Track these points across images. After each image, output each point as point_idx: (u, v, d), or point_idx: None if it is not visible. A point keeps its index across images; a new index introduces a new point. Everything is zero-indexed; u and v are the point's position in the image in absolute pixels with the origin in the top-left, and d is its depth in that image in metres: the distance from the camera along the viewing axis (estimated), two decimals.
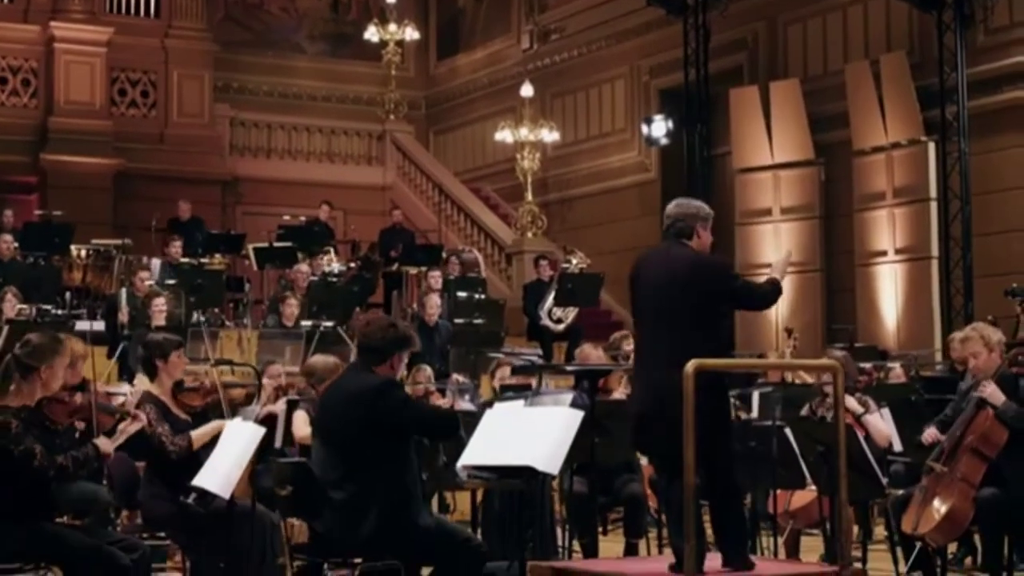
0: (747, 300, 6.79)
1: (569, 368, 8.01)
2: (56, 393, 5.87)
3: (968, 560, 9.07)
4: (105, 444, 5.86)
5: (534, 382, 9.30)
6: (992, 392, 7.36)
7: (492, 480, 6.48)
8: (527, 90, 21.05)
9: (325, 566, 5.82)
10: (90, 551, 5.61)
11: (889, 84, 17.24)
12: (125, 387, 9.97)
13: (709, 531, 6.61)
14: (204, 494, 6.11)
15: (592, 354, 9.17)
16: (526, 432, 6.14)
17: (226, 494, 5.82)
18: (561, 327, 16.81)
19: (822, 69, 18.79)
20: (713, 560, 6.46)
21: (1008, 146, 16.45)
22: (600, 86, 22.56)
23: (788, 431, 8.01)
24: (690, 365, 6.15)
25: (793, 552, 8.81)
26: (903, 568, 8.33)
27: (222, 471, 5.89)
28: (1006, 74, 16.45)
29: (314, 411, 7.87)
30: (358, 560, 5.91)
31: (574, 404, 6.62)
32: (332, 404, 6.18)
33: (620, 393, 9.01)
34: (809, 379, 11.19)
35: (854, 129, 17.70)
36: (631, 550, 8.98)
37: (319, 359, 8.53)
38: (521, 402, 6.52)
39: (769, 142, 18.63)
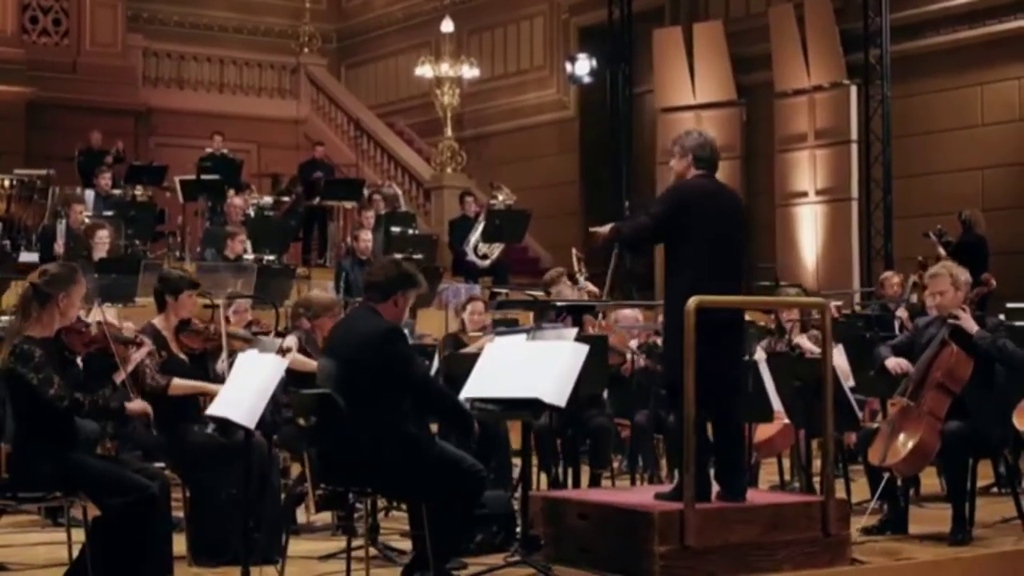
0: None
1: (559, 303, 8.19)
2: (74, 324, 5.91)
3: (912, 491, 9.40)
4: (136, 406, 5.92)
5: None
6: (967, 320, 7.65)
7: (497, 412, 6.60)
8: (447, 26, 20.99)
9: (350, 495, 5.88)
10: (118, 480, 5.65)
11: (812, 27, 17.52)
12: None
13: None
14: (226, 425, 6.16)
15: (567, 291, 9.37)
16: (533, 365, 6.28)
17: (251, 425, 5.88)
18: (486, 263, 16.93)
19: (745, 11, 19.02)
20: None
21: (929, 90, 16.85)
22: (518, 23, 22.61)
23: (763, 366, 8.28)
24: (692, 301, 6.37)
25: (752, 483, 9.06)
26: (855, 498, 8.68)
27: (245, 402, 5.93)
28: (929, 19, 16.85)
29: (305, 341, 7.98)
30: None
31: (577, 339, 6.76)
32: (345, 338, 6.22)
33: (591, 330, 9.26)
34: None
35: (776, 71, 17.97)
36: (595, 480, 9.22)
37: (318, 294, 8.71)
38: (523, 336, 6.63)
39: (691, 82, 18.84)
